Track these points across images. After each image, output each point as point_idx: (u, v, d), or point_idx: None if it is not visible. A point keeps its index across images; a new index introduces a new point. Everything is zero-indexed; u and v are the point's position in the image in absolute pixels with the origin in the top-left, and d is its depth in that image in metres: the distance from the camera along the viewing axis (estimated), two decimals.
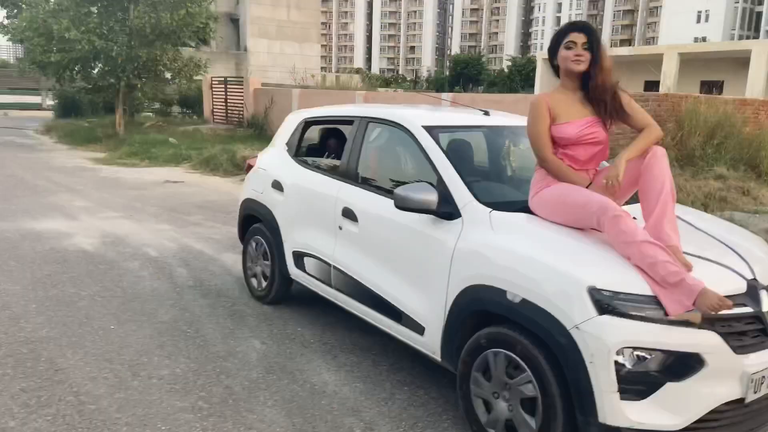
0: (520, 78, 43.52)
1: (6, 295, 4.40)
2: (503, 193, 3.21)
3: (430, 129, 3.30)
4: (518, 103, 11.67)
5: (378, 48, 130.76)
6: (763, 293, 2.49)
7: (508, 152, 3.66)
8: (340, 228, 3.60)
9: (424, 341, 3.07)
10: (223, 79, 19.72)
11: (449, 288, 2.87)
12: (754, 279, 2.53)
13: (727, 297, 2.40)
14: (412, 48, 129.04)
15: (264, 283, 4.42)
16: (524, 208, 2.87)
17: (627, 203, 2.91)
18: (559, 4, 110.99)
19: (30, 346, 3.59)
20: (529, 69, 29.31)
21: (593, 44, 2.79)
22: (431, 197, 2.93)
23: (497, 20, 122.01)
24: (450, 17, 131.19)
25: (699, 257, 2.57)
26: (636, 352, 2.31)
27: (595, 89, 2.82)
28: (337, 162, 3.88)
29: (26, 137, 18.12)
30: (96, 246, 5.87)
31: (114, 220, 7.05)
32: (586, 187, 2.74)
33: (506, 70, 48.21)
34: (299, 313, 4.26)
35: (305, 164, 4.12)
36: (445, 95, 12.85)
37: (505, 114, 3.93)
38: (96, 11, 15.07)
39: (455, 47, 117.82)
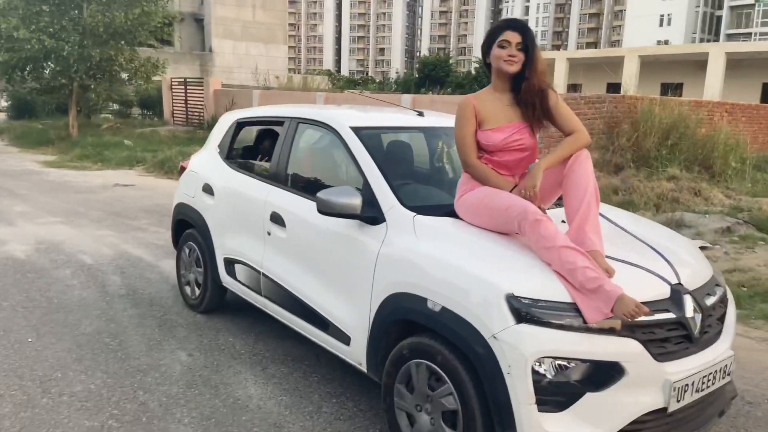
0: (487, 80, 43.51)
1: None
2: (431, 196, 3.10)
3: (357, 130, 3.17)
4: None
5: (347, 50, 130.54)
6: (687, 299, 2.42)
7: (442, 154, 3.56)
8: (269, 233, 3.45)
9: (350, 351, 2.94)
10: (182, 80, 19.34)
11: (373, 296, 2.75)
12: (679, 284, 2.46)
13: (650, 303, 2.33)
14: (382, 50, 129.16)
15: (197, 291, 4.24)
16: (451, 212, 2.76)
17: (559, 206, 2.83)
18: (527, 7, 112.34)
19: None
20: None
21: (528, 45, 2.70)
22: (355, 201, 2.81)
23: (466, 22, 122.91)
24: (419, 19, 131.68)
25: (623, 261, 2.49)
26: (556, 362, 2.21)
27: (526, 92, 2.72)
28: (267, 164, 3.73)
29: None
30: (28, 253, 5.60)
31: (53, 226, 6.77)
32: (511, 191, 2.64)
33: (473, 72, 48.38)
34: (233, 322, 4.09)
35: (236, 167, 3.95)
36: (406, 97, 12.77)
37: (440, 114, 3.83)
38: (48, 10, 14.60)
39: (424, 49, 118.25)
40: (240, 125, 4.13)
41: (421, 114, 3.59)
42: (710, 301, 2.57)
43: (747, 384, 3.48)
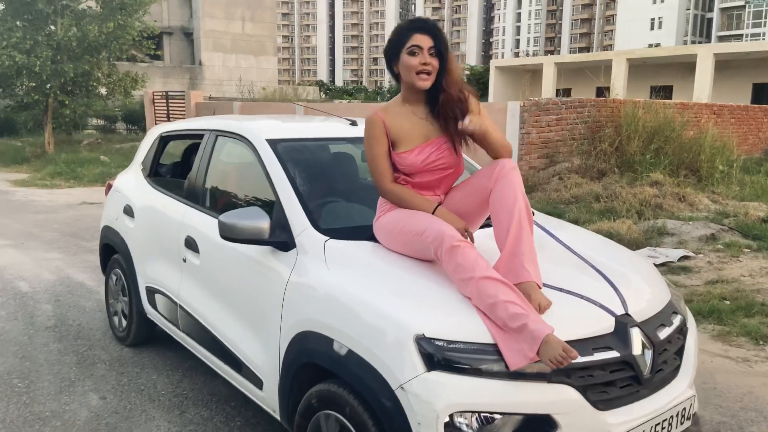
0: (478, 87, 43.68)
1: None
2: (354, 216, 2.74)
3: (274, 142, 2.82)
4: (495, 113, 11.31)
5: (341, 60, 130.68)
6: (634, 333, 2.07)
7: None
8: (184, 260, 3.10)
9: (264, 396, 2.58)
10: (164, 93, 19.02)
11: (282, 334, 2.39)
12: (626, 314, 2.11)
13: (589, 340, 1.99)
14: (375, 59, 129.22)
15: (124, 323, 3.87)
16: (373, 235, 2.42)
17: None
18: (519, 14, 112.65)
19: None
20: (487, 78, 29.18)
21: (441, 49, 2.34)
22: (261, 224, 2.45)
23: (458, 30, 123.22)
24: None
25: (561, 290, 2.14)
26: (474, 416, 1.86)
27: (445, 105, 2.37)
28: (184, 182, 3.37)
29: None
30: None
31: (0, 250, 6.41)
32: (434, 211, 2.29)
33: (464, 78, 48.19)
34: (162, 357, 3.73)
35: (157, 186, 3.60)
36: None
37: None
38: (20, 25, 14.29)
39: None
40: (163, 140, 3.78)
41: (354, 123, 3.25)
42: (664, 333, 2.21)
43: (723, 415, 3.12)
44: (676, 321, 2.32)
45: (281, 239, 2.48)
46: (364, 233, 2.44)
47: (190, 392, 3.30)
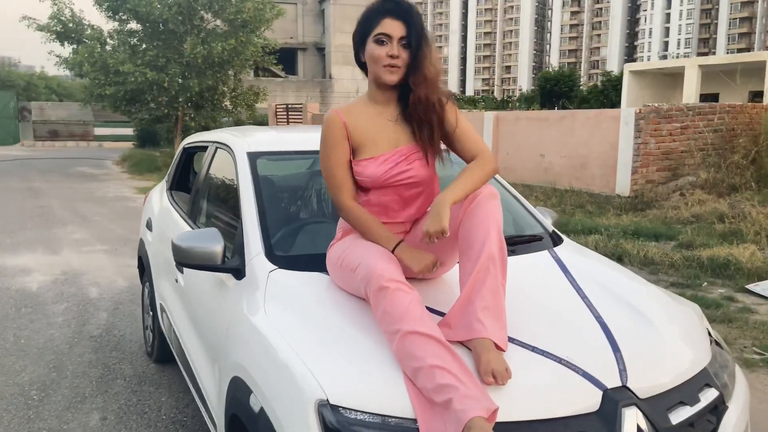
0: (615, 93, 41.23)
1: None
2: (322, 241, 2.38)
3: (254, 155, 2.55)
4: (564, 120, 10.51)
5: (472, 69, 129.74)
6: (628, 414, 1.52)
7: None
8: (176, 280, 2.92)
9: None
10: (285, 106, 19.78)
11: (221, 376, 2.10)
12: (622, 387, 1.57)
13: (561, 420, 1.48)
14: (508, 68, 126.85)
15: (151, 338, 3.80)
16: None
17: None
18: (668, 15, 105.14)
19: None
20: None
21: (415, 38, 1.92)
22: (213, 248, 2.18)
23: (599, 35, 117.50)
24: (548, 34, 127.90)
25: (537, 350, 1.64)
26: None
27: (416, 106, 1.95)
28: (188, 196, 3.21)
29: (99, 167, 18.99)
30: (43, 285, 5.55)
31: (92, 255, 6.78)
32: (394, 249, 1.86)
33: (599, 85, 45.62)
34: (180, 377, 3.58)
35: (172, 199, 3.48)
36: (488, 114, 11.90)
37: None
38: (155, 44, 15.51)
39: (554, 64, 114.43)
40: (186, 151, 3.67)
41: None
42: (681, 414, 1.62)
43: None
44: (707, 397, 1.71)
45: (234, 265, 2.19)
46: (323, 263, 2.07)
47: (190, 420, 3.11)
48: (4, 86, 43.56)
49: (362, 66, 2.02)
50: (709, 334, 2.07)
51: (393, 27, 1.92)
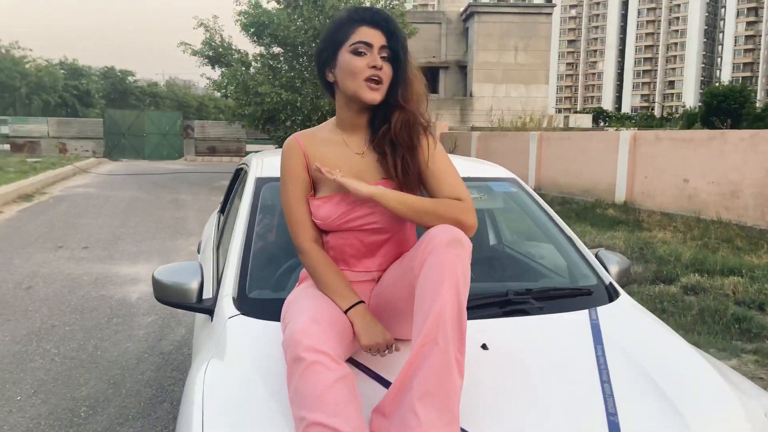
0: None
1: None
2: None
3: (261, 182, 2.34)
4: (713, 141, 9.27)
5: (630, 85, 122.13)
6: None
7: None
8: None
9: None
10: None
11: None
12: None
13: None
14: (671, 83, 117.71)
15: None
16: None
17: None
18: None
19: None
20: None
21: (398, 50, 1.62)
22: (188, 284, 1.99)
23: None
24: (719, 46, 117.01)
25: None
26: None
27: (400, 127, 1.63)
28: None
29: None
30: (142, 296, 5.80)
31: None
32: (348, 308, 1.53)
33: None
34: None
35: (217, 223, 3.37)
36: (625, 134, 10.90)
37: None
38: (292, 67, 16.27)
39: (725, 79, 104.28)
40: (237, 173, 3.56)
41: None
42: None
43: None
44: None
45: (207, 306, 1.97)
46: None
47: None
48: (180, 106, 48.55)
49: (327, 86, 1.71)
50: None
51: (372, 35, 1.62)
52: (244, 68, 15.94)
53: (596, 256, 2.36)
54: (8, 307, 5.31)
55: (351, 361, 1.56)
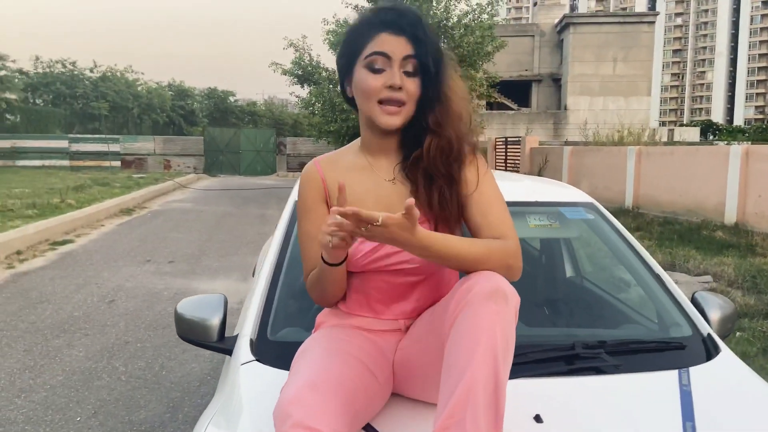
0: None
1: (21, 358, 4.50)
2: None
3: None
4: None
5: (743, 95, 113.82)
6: None
7: None
8: None
9: None
10: (504, 139, 19.25)
11: None
12: None
13: None
14: None
15: None
16: None
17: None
18: None
19: None
20: None
21: (426, 61, 1.34)
22: (209, 320, 1.79)
23: None
24: None
25: None
26: None
27: (434, 157, 1.37)
28: None
29: None
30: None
31: None
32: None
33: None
34: None
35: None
36: (735, 149, 9.94)
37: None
38: None
39: None
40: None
41: None
42: None
43: None
44: None
45: (228, 346, 1.76)
46: None
47: None
48: (277, 124, 50.36)
49: (350, 102, 1.46)
50: None
51: (393, 44, 1.34)
52: (330, 86, 16.15)
53: (692, 299, 1.95)
54: (89, 321, 5.45)
55: (367, 427, 1.29)
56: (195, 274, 7.52)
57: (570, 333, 1.77)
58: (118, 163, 30.31)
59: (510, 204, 2.12)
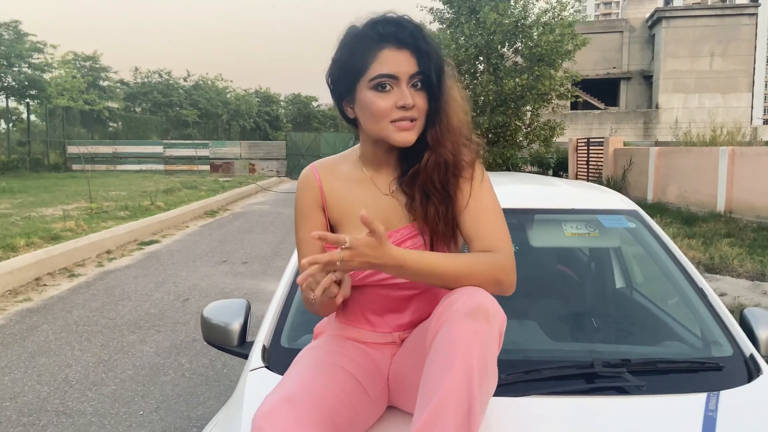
0: None
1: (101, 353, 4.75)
2: None
3: None
4: None
5: None
6: None
7: None
8: None
9: None
10: (586, 140, 18.56)
11: None
12: None
13: None
14: None
15: None
16: None
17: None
18: None
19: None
20: None
21: (430, 75, 1.31)
22: (230, 324, 1.84)
23: None
24: None
25: None
26: None
27: (432, 171, 1.34)
28: None
29: None
30: None
31: None
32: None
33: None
34: None
35: None
36: None
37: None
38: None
39: None
40: None
41: None
42: None
43: None
44: None
45: (247, 351, 1.80)
46: None
47: None
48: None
49: (349, 119, 1.43)
50: None
51: (398, 62, 1.29)
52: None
53: (741, 315, 1.79)
54: (163, 319, 5.73)
55: None
56: (266, 275, 7.74)
57: (591, 350, 1.67)
58: (206, 167, 31.77)
59: (543, 212, 2.04)
